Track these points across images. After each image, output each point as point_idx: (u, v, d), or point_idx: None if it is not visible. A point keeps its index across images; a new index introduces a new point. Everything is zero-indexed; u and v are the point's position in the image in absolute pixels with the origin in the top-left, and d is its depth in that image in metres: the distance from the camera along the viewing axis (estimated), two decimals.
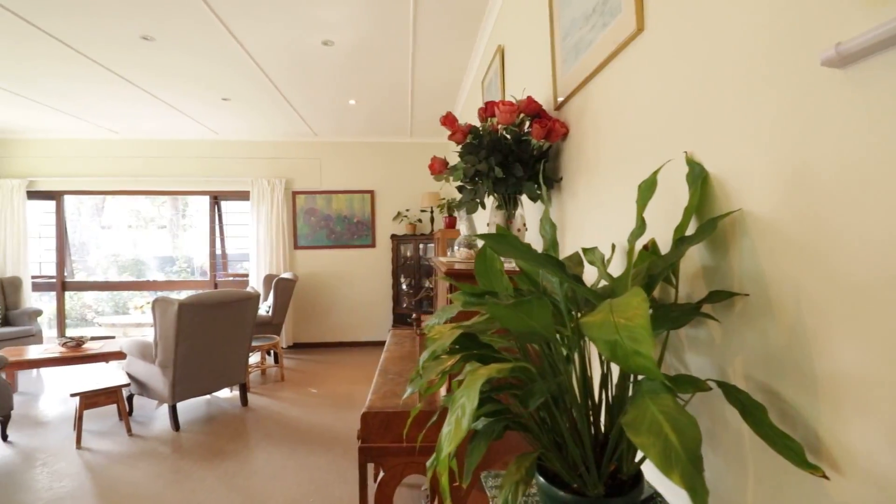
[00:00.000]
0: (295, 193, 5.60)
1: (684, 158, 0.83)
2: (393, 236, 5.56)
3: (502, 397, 0.78)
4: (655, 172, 0.76)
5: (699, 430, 0.49)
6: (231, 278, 5.73)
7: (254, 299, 3.42)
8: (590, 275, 1.23)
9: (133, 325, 4.79)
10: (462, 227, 2.20)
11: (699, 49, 0.81)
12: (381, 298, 5.70)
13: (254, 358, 4.52)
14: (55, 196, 5.52)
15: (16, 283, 5.08)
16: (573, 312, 0.75)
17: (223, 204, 5.76)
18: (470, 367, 0.80)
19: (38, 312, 4.92)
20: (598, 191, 1.25)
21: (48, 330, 5.60)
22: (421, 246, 5.35)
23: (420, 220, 5.64)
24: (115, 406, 3.50)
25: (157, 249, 12.99)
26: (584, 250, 0.93)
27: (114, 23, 2.76)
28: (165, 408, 3.49)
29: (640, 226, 0.75)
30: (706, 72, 0.79)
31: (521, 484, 0.62)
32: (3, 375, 3.06)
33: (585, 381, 0.76)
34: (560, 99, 1.52)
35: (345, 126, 5.16)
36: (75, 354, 3.66)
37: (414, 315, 3.19)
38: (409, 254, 5.49)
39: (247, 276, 5.60)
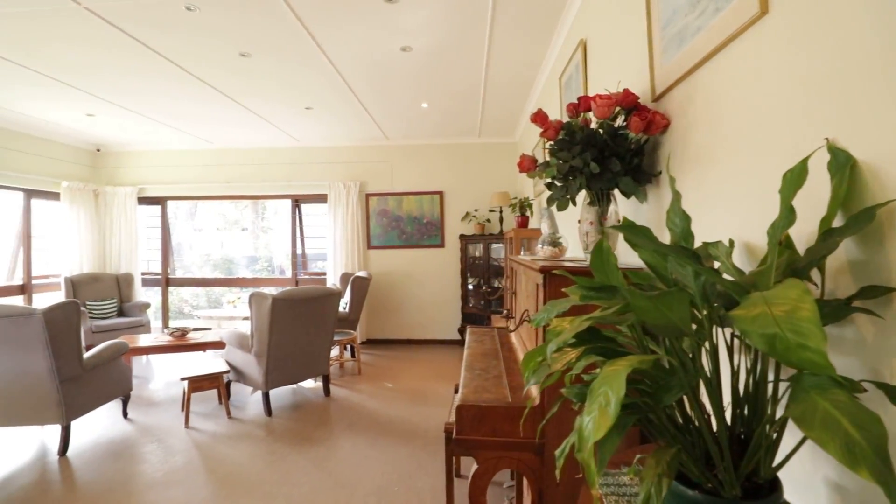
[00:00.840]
0: (368, 195, 5.84)
1: (826, 146, 0.78)
2: (461, 236, 5.62)
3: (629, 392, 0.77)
4: (805, 160, 0.72)
5: (884, 426, 0.47)
6: (310, 276, 6.09)
7: (336, 295, 3.62)
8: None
9: (226, 318, 5.25)
10: (544, 225, 2.18)
11: (840, 25, 0.75)
12: (449, 297, 5.78)
13: (332, 352, 4.78)
14: (160, 201, 6.18)
15: (128, 279, 5.75)
16: (714, 305, 0.73)
17: (303, 207, 6.13)
18: (585, 360, 0.80)
19: (147, 305, 5.53)
20: (710, 184, 1.19)
21: (154, 321, 6.27)
22: (491, 246, 5.36)
23: (489, 220, 5.66)
24: (215, 391, 3.85)
25: (241, 249, 14.09)
26: (707, 244, 0.89)
27: (219, 42, 3.05)
28: (258, 394, 3.79)
29: (787, 216, 0.71)
30: (849, 50, 0.73)
31: (665, 477, 0.62)
32: (123, 360, 3.47)
33: (718, 376, 0.74)
34: (659, 90, 1.47)
35: (416, 129, 5.30)
36: (181, 343, 4.07)
37: (489, 314, 3.21)
38: (477, 254, 5.52)
39: (324, 274, 5.93)
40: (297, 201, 6.06)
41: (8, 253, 5.50)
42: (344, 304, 4.91)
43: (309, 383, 4.16)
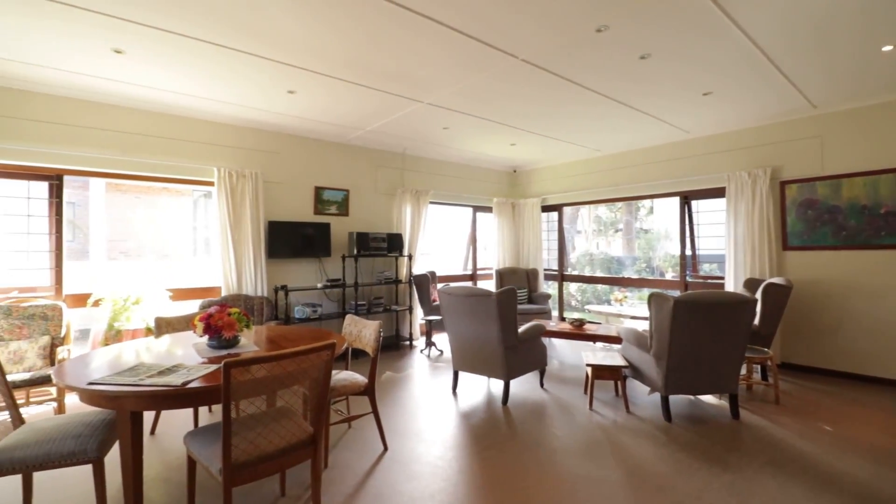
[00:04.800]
0: (783, 183, 4.74)
1: None
2: None
3: None
4: None
5: None
6: (701, 280, 5.53)
7: (750, 304, 3.10)
8: None
9: (614, 314, 5.51)
10: None
11: None
12: None
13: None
14: (557, 208, 7.16)
15: (534, 273, 6.94)
16: None
17: (692, 203, 5.64)
18: None
19: (549, 296, 6.51)
20: None
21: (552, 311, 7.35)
22: None
23: None
24: (611, 382, 4.08)
25: (616, 250, 14.57)
26: None
27: (620, 53, 3.19)
28: (655, 396, 3.74)
29: None
30: None
31: None
32: (540, 339, 4.17)
33: None
34: None
35: (864, 85, 3.87)
36: (579, 332, 4.54)
37: None
38: None
39: (721, 278, 5.24)
40: (686, 197, 5.63)
41: (463, 251, 7.80)
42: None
43: (709, 398, 3.76)
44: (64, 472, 2.55)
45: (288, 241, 5.07)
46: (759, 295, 3.96)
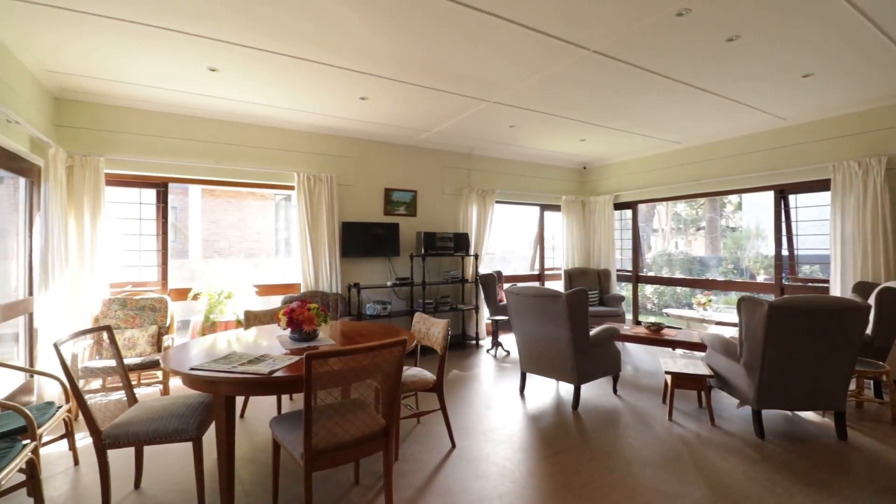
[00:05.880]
0: None
1: None
2: None
3: None
4: None
5: None
6: (800, 283, 4.98)
7: (862, 311, 2.73)
8: None
9: (696, 319, 5.11)
10: None
11: None
12: None
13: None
14: (632, 206, 6.81)
15: (606, 274, 6.65)
16: None
17: (789, 198, 5.09)
18: None
19: (622, 298, 6.20)
20: None
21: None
22: None
23: None
24: (694, 392, 3.80)
25: (697, 250, 13.56)
26: None
27: (705, 37, 2.95)
28: (745, 410, 3.43)
29: None
30: None
31: None
32: (614, 343, 3.98)
33: None
34: None
35: None
36: (656, 337, 4.28)
37: None
38: None
39: (825, 282, 4.69)
40: (783, 191, 5.09)
41: (530, 251, 7.66)
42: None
43: (810, 415, 3.38)
44: (167, 447, 2.86)
45: (360, 240, 5.29)
46: (871, 301, 3.49)
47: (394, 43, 3.04)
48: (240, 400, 3.54)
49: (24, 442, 2.09)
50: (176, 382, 3.95)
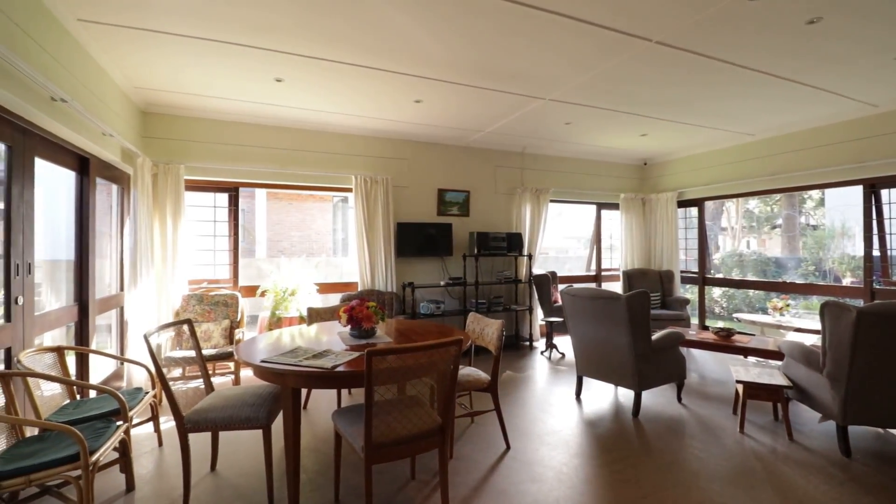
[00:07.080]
0: None
1: None
2: None
3: None
4: None
5: None
6: (895, 287, 4.47)
7: None
8: None
9: (772, 325, 4.73)
10: None
11: None
12: None
13: None
14: (698, 203, 6.42)
15: (669, 276, 6.32)
16: None
17: (882, 193, 4.59)
18: None
19: (687, 301, 5.87)
20: None
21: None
22: None
23: None
24: (769, 404, 3.53)
25: (772, 250, 12.55)
26: None
27: (781, 19, 2.73)
28: (828, 425, 3.14)
29: None
30: None
31: None
32: (679, 349, 3.78)
33: None
34: None
35: None
36: (726, 343, 4.01)
37: None
38: None
39: None
40: (873, 186, 4.60)
41: (586, 251, 7.44)
42: None
43: None
44: (238, 433, 3.07)
45: (414, 240, 5.39)
46: None
47: (448, 46, 3.08)
48: (303, 392, 3.72)
49: (117, 423, 2.33)
50: (245, 373, 4.22)
